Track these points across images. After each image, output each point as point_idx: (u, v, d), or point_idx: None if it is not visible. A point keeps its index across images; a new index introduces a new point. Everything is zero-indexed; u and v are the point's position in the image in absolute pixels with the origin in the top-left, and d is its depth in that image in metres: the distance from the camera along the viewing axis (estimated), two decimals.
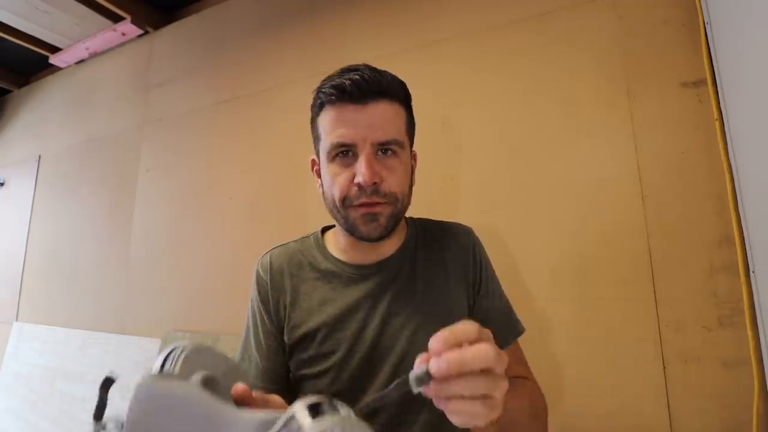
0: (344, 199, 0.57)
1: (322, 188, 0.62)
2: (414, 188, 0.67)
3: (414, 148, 0.66)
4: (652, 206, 0.96)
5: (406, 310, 0.63)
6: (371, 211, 0.56)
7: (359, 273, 0.65)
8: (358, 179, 0.55)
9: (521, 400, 0.55)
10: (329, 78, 0.58)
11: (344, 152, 0.57)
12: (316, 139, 0.62)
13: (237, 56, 1.71)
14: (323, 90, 0.58)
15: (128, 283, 1.79)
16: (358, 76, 0.55)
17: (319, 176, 0.64)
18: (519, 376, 0.64)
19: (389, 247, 0.66)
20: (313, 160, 0.66)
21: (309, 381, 0.63)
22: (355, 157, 0.56)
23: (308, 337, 0.63)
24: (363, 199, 0.56)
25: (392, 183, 0.57)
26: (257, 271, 0.70)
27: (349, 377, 0.61)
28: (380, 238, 0.59)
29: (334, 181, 0.58)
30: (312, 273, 0.67)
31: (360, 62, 0.60)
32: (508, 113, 1.15)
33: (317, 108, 0.60)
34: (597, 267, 0.99)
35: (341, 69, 0.58)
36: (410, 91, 0.64)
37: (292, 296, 0.66)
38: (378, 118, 0.56)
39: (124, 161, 1.95)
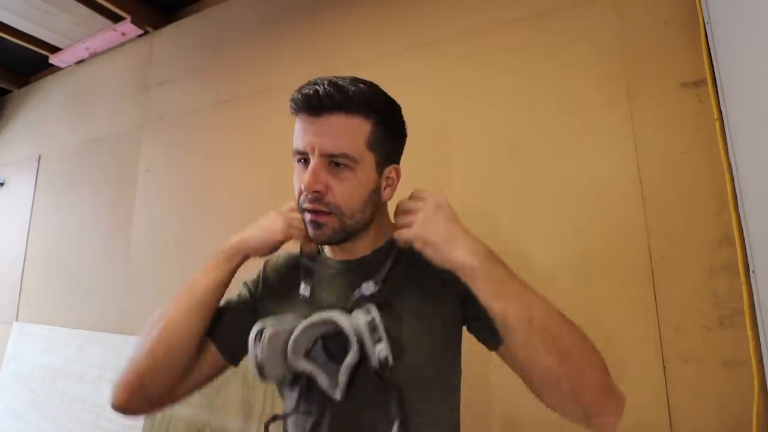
0: (298, 201, 0.62)
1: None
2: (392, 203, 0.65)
3: (400, 165, 0.65)
4: (652, 206, 0.96)
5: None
6: (315, 219, 0.60)
7: (336, 268, 0.68)
8: (302, 184, 0.59)
9: (547, 304, 0.57)
10: (297, 90, 0.61)
11: (302, 159, 0.61)
12: None
13: (237, 56, 1.71)
14: (291, 100, 0.62)
15: (128, 283, 1.79)
16: (312, 91, 0.58)
17: None
18: None
19: (362, 248, 0.66)
20: None
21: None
22: (309, 161, 0.59)
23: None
24: (307, 204, 0.60)
25: (338, 195, 0.58)
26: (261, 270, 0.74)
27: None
28: (327, 243, 0.63)
29: (295, 184, 0.63)
30: (297, 268, 0.70)
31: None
32: (508, 113, 1.15)
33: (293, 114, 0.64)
34: (597, 267, 0.99)
35: (308, 81, 0.61)
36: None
37: (272, 291, 0.70)
38: (328, 130, 0.58)
39: (124, 161, 1.95)
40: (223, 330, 0.65)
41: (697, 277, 0.90)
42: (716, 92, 0.90)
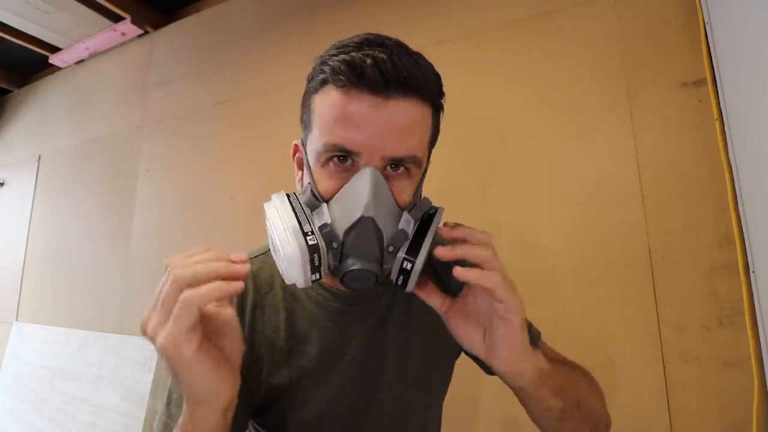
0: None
1: (302, 185, 0.49)
2: None
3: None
4: (652, 206, 0.96)
5: (397, 355, 0.54)
6: None
7: (343, 302, 0.52)
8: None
9: (573, 371, 0.54)
10: (343, 47, 0.42)
11: (341, 157, 0.42)
12: (306, 124, 0.47)
13: (237, 56, 1.71)
14: (330, 63, 0.42)
15: (128, 284, 1.79)
16: (384, 56, 0.39)
17: (301, 168, 0.50)
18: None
19: None
20: (295, 146, 0.52)
21: None
22: (355, 166, 0.42)
23: (282, 386, 0.51)
24: None
25: None
26: None
27: None
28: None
29: (318, 186, 0.44)
30: (284, 298, 0.53)
31: None
32: (507, 114, 1.15)
33: (317, 83, 0.44)
34: (597, 267, 0.99)
35: (361, 38, 0.42)
36: None
37: (252, 325, 0.52)
38: (399, 123, 0.41)
39: (124, 161, 1.95)
40: None
41: (697, 277, 0.90)
42: (716, 92, 0.90)
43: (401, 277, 0.41)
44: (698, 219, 0.91)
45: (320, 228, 0.41)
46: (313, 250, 0.39)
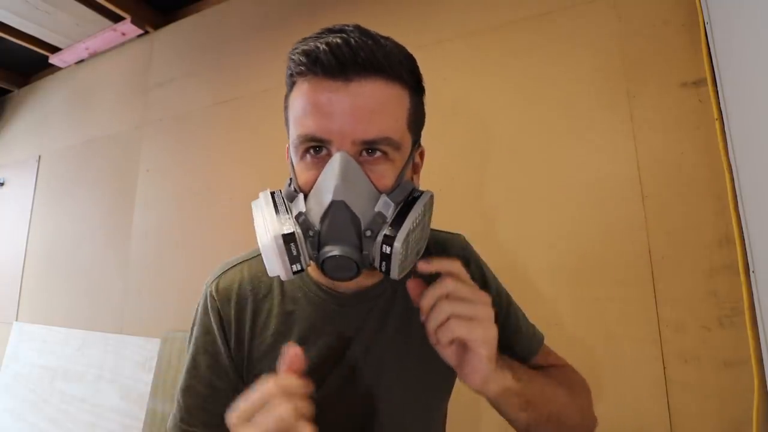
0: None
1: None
2: None
3: (422, 143, 0.51)
4: (652, 206, 0.96)
5: (394, 359, 0.53)
6: None
7: (341, 303, 0.52)
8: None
9: (551, 384, 0.52)
10: (303, 40, 0.43)
11: (316, 148, 0.43)
12: (287, 123, 0.48)
13: (237, 56, 1.71)
14: (293, 57, 0.42)
15: (128, 284, 1.79)
16: (339, 40, 0.39)
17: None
18: (551, 366, 0.59)
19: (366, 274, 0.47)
20: (287, 148, 0.52)
21: None
22: (329, 154, 0.42)
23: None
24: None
25: None
26: (208, 297, 0.54)
27: None
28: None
29: (297, 179, 0.45)
30: (282, 302, 0.53)
31: None
32: (507, 114, 1.15)
33: (289, 81, 0.45)
34: (597, 267, 0.99)
35: (323, 29, 0.43)
36: None
37: (252, 331, 0.52)
38: (365, 105, 0.40)
39: (124, 161, 1.95)
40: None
41: (697, 277, 0.90)
42: (716, 92, 0.90)
43: (383, 263, 0.40)
44: (698, 219, 0.91)
45: (296, 217, 0.41)
46: (288, 238, 0.39)
